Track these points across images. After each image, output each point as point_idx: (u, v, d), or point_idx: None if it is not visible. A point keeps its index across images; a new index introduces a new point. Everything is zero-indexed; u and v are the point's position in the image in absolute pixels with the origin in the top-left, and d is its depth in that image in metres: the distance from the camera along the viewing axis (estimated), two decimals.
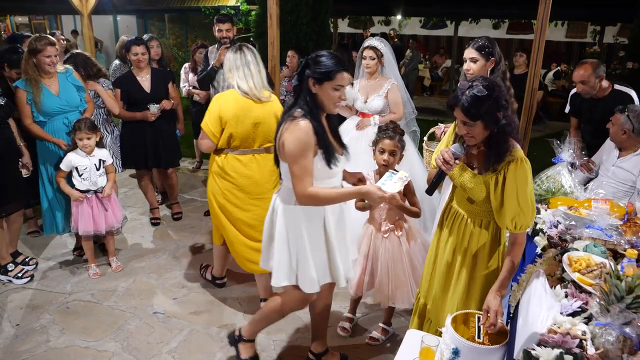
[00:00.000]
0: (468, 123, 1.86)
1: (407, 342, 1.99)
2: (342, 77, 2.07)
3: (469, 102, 1.82)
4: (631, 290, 1.40)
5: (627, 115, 3.02)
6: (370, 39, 3.77)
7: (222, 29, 4.20)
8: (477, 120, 1.84)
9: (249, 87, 2.83)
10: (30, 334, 2.93)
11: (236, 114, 2.81)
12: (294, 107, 2.15)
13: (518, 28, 13.67)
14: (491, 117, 1.84)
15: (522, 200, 1.87)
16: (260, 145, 2.94)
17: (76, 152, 3.42)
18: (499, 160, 1.89)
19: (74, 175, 3.44)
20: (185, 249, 4.05)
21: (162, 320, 3.09)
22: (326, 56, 2.08)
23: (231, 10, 10.31)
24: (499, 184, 1.89)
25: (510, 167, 1.86)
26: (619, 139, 3.09)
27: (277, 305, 2.46)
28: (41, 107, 3.39)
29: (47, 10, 12.58)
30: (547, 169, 2.75)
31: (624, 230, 2.17)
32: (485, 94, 1.81)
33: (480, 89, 1.82)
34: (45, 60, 3.33)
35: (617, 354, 1.35)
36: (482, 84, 1.84)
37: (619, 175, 3.07)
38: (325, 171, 2.13)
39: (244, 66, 2.84)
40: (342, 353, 2.75)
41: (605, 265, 1.80)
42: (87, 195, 3.45)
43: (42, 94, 3.38)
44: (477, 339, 1.77)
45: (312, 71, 2.07)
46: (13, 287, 3.41)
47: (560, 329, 1.42)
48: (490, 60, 2.78)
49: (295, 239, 2.23)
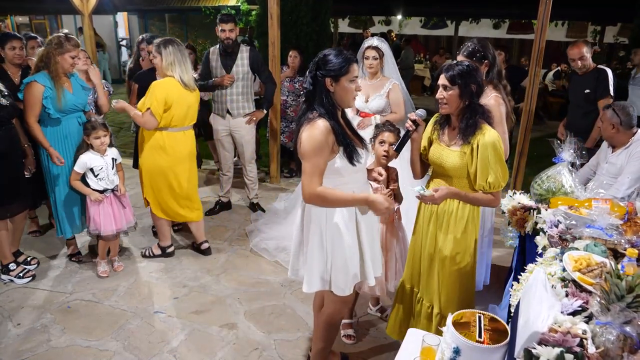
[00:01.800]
0: (447, 87, 2.22)
1: (408, 342, 1.99)
2: (354, 69, 2.13)
3: (454, 69, 2.21)
4: (631, 290, 1.41)
5: (612, 110, 3.10)
6: (371, 39, 3.78)
7: (225, 29, 4.21)
8: (454, 84, 2.19)
9: (188, 79, 3.48)
10: (32, 333, 2.94)
11: (178, 99, 3.45)
12: (309, 110, 2.15)
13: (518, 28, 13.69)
14: (465, 86, 2.19)
15: (493, 161, 2.18)
16: (188, 124, 3.64)
17: (90, 152, 3.40)
18: (472, 133, 2.21)
19: (88, 176, 3.41)
20: (185, 249, 4.06)
21: (163, 320, 3.10)
22: (333, 54, 2.11)
23: (231, 10, 10.32)
24: (473, 151, 2.21)
25: (479, 136, 2.20)
26: (609, 135, 3.19)
27: (326, 320, 2.43)
28: (62, 104, 3.35)
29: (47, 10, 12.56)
30: (547, 169, 2.75)
31: (624, 230, 2.17)
32: (466, 65, 2.23)
33: (464, 64, 2.25)
34: (69, 61, 3.36)
35: (618, 353, 1.35)
36: (467, 63, 2.26)
37: (612, 171, 3.14)
38: (349, 167, 2.16)
39: (183, 62, 3.46)
40: (342, 353, 2.76)
41: (605, 265, 1.81)
42: (105, 194, 3.45)
43: (63, 90, 3.38)
44: (477, 338, 1.77)
45: (326, 70, 2.09)
46: (14, 286, 3.42)
47: (560, 328, 1.43)
48: (484, 64, 2.78)
49: (332, 243, 2.21)
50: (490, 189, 2.22)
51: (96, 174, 3.41)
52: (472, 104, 2.23)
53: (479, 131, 2.21)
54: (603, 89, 4.01)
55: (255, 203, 4.82)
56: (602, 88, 4.01)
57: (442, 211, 2.37)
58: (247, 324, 3.08)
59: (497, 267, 3.55)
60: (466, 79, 2.19)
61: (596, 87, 4.03)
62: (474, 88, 2.21)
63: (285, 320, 3.13)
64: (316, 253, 2.24)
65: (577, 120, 4.22)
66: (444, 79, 2.23)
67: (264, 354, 2.81)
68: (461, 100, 2.22)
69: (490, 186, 2.21)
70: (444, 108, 2.27)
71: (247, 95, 4.46)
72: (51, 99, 3.31)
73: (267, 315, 3.18)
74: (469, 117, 2.23)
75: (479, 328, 1.82)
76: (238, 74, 4.34)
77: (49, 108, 3.33)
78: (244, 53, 4.36)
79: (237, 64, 4.33)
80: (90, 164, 3.38)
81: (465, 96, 2.21)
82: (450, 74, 2.21)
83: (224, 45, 4.27)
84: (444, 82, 2.23)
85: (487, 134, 2.20)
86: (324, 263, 2.24)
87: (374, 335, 2.99)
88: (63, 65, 3.34)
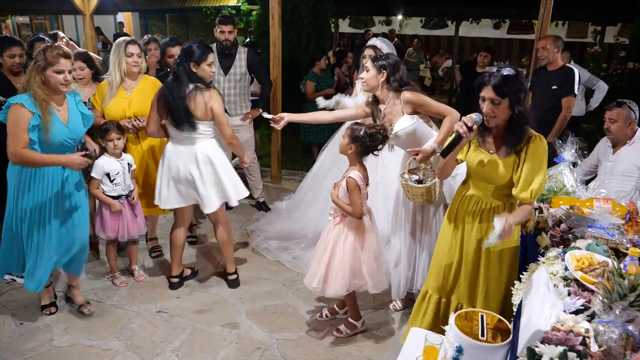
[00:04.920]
0: (495, 100, 2.05)
1: (411, 340, 2.00)
2: (210, 56, 3.10)
3: (499, 80, 2.03)
4: (634, 288, 1.41)
5: (627, 107, 3.10)
6: (373, 39, 3.79)
7: (224, 30, 4.22)
8: (505, 97, 2.03)
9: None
10: (34, 332, 2.94)
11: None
12: (181, 86, 3.06)
13: (519, 28, 13.69)
14: (515, 95, 2.04)
15: (538, 169, 2.08)
16: None
17: (105, 156, 3.20)
18: (520, 142, 2.10)
19: (103, 181, 3.21)
20: (187, 247, 4.06)
21: (166, 319, 3.11)
22: (195, 45, 3.06)
23: (232, 10, 10.32)
24: (521, 159, 2.10)
25: (530, 144, 2.09)
26: (625, 133, 3.16)
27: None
28: (50, 138, 2.59)
29: (48, 10, 12.57)
30: (549, 169, 2.76)
31: (625, 230, 2.18)
32: (513, 73, 2.04)
33: (509, 70, 2.05)
34: (57, 78, 2.55)
35: (620, 351, 1.36)
36: (509, 67, 2.07)
37: (618, 168, 3.13)
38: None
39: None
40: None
41: (607, 264, 1.81)
42: (119, 200, 3.25)
43: (51, 120, 2.59)
44: (480, 336, 1.78)
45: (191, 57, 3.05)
46: (17, 286, 3.42)
47: (563, 327, 1.43)
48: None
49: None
50: (531, 197, 2.10)
51: (112, 179, 3.21)
52: (520, 112, 2.09)
53: (527, 138, 2.11)
54: (569, 87, 4.23)
55: (261, 202, 4.85)
56: (568, 86, 4.23)
57: (480, 210, 2.29)
58: (249, 324, 3.08)
59: None
60: (514, 86, 2.04)
61: (563, 84, 4.23)
62: (522, 95, 2.09)
63: (288, 319, 3.14)
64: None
65: (539, 114, 4.28)
66: (492, 93, 2.05)
67: (266, 353, 2.81)
68: (511, 111, 2.08)
69: (532, 194, 2.09)
70: (493, 121, 2.11)
71: (245, 95, 4.51)
72: (41, 131, 2.57)
73: (269, 314, 3.19)
74: (518, 126, 2.10)
75: (481, 327, 1.83)
76: (236, 75, 4.37)
77: (34, 141, 2.58)
78: (242, 54, 4.39)
79: (235, 64, 4.36)
80: (107, 168, 3.18)
81: (516, 104, 2.07)
82: (497, 84, 2.03)
83: (222, 46, 4.28)
84: (491, 95, 2.05)
85: (537, 141, 2.10)
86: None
87: (377, 333, 3.00)
88: (50, 84, 2.57)
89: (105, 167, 3.19)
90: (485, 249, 2.25)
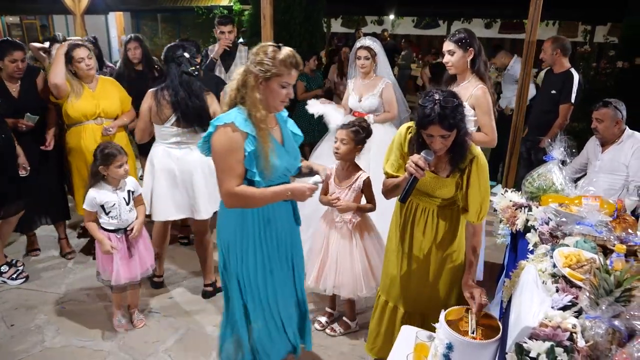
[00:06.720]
0: (445, 135, 1.88)
1: (402, 338, 2.01)
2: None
3: (445, 114, 1.82)
4: (620, 284, 1.44)
5: (614, 106, 3.13)
6: (363, 39, 3.80)
7: (224, 30, 4.25)
8: (453, 129, 1.88)
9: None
10: (26, 334, 2.93)
11: None
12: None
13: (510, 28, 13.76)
14: (462, 122, 1.91)
15: (484, 192, 2.03)
16: None
17: (99, 186, 2.77)
18: (463, 160, 2.00)
19: (99, 214, 2.80)
20: (181, 248, 4.06)
21: (158, 320, 3.10)
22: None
23: (224, 10, 10.31)
24: (464, 182, 2.03)
25: (473, 166, 2.00)
26: (612, 133, 3.19)
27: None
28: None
29: (39, 10, 12.46)
30: (538, 167, 2.79)
31: (613, 227, 2.20)
32: (456, 102, 1.86)
33: (448, 100, 1.84)
34: (280, 94, 2.03)
35: (606, 346, 1.38)
36: (444, 95, 1.85)
37: (607, 167, 3.17)
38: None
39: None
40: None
41: (595, 261, 1.83)
42: (116, 235, 2.82)
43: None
44: (470, 333, 1.80)
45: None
46: (8, 287, 3.41)
47: (551, 323, 1.45)
48: (469, 51, 2.81)
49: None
50: (480, 220, 2.08)
51: (107, 212, 2.79)
52: (465, 130, 1.96)
53: (469, 154, 2.00)
54: (566, 93, 4.14)
55: None
56: (565, 93, 4.15)
57: (426, 218, 2.20)
58: None
59: (490, 264, 3.58)
60: (460, 114, 1.88)
61: (561, 89, 4.17)
62: (464, 116, 1.93)
63: None
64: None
65: (537, 115, 4.42)
66: (440, 130, 1.85)
67: None
68: (456, 134, 1.94)
69: (479, 218, 2.07)
70: (442, 150, 1.97)
71: None
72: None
73: None
74: (461, 146, 1.97)
75: (471, 324, 1.85)
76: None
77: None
78: (242, 53, 4.44)
79: (236, 63, 4.39)
80: (100, 200, 2.75)
81: (463, 129, 1.94)
82: (443, 120, 1.83)
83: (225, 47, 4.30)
84: (441, 132, 1.87)
85: (480, 162, 2.00)
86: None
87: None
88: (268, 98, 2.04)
89: (97, 199, 2.75)
90: (434, 256, 2.21)
